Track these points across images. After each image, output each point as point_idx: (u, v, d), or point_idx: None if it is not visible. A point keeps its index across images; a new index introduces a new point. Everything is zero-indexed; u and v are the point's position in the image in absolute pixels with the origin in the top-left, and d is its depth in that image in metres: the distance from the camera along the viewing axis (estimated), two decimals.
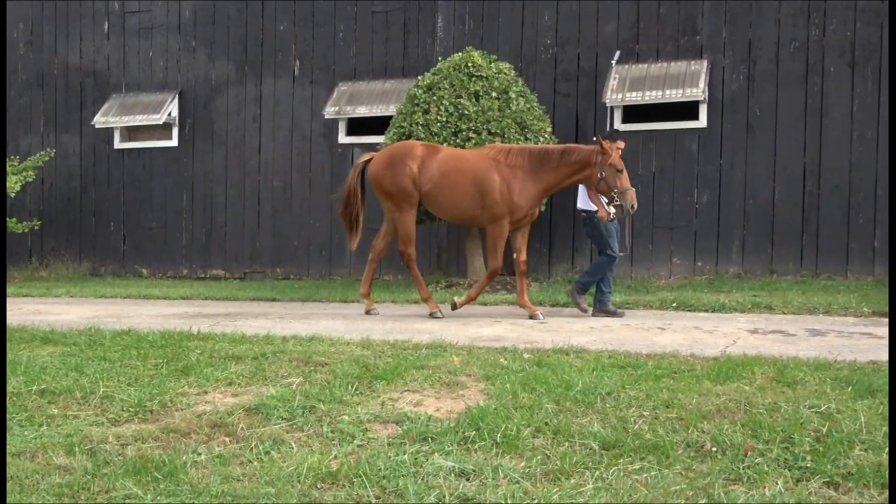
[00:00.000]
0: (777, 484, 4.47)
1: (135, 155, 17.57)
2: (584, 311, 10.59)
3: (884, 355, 7.36)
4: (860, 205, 13.14)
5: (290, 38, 16.40)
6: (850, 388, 5.98)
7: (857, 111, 13.18)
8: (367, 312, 10.83)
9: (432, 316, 10.47)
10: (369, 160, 10.87)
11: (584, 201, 10.56)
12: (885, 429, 5.11)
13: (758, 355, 7.18)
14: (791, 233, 13.43)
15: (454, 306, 10.63)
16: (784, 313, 10.42)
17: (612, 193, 9.97)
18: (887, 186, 12.92)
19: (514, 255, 10.61)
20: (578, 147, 10.36)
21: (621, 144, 10.39)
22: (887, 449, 4.82)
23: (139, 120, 17.10)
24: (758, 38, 13.70)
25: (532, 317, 10.26)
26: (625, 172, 9.99)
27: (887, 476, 4.47)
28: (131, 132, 17.68)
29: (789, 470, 4.65)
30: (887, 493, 4.35)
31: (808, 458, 4.74)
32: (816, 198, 13.33)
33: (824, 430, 5.12)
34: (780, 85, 13.57)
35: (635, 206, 10.01)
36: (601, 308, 10.51)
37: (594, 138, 11.69)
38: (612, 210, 10.25)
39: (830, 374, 6.41)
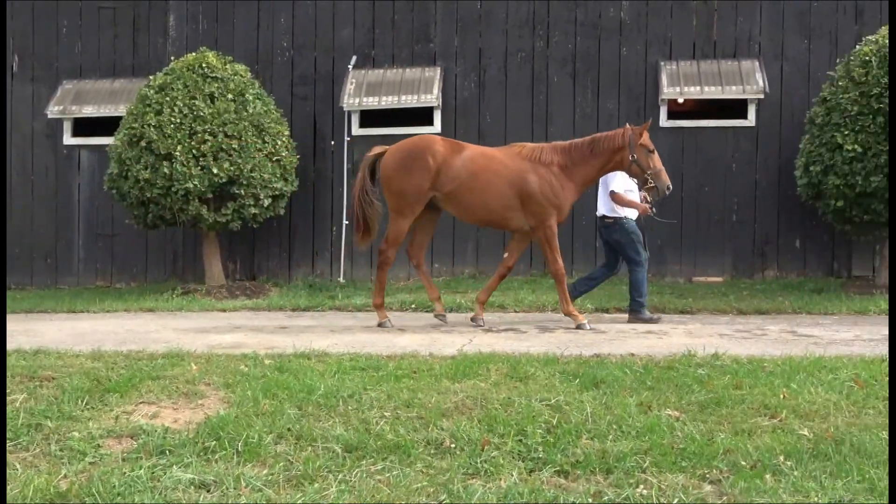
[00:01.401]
0: (512, 475, 4.66)
1: None
2: (656, 320, 10.02)
3: (607, 349, 7.84)
4: (583, 206, 13.92)
5: (6, 32, 15.34)
6: (576, 381, 6.33)
7: (578, 119, 13.99)
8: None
9: (381, 326, 9.75)
10: (381, 153, 10.01)
11: (608, 207, 10.18)
12: (609, 418, 5.45)
13: (492, 352, 7.45)
14: None
15: (581, 325, 9.64)
16: (516, 311, 10.89)
17: (646, 175, 9.64)
18: None
19: (505, 256, 10.28)
20: (604, 134, 9.99)
21: (648, 123, 10.13)
22: (611, 437, 5.15)
23: None
24: (487, 48, 14.25)
25: (473, 319, 9.95)
26: (656, 153, 9.75)
27: (612, 462, 4.78)
28: None
29: (523, 461, 4.86)
30: (613, 478, 4.64)
31: (540, 448, 4.98)
32: None
33: (554, 421, 5.39)
34: (509, 93, 14.18)
35: (670, 185, 9.79)
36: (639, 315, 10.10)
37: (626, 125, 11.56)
38: (647, 197, 10.00)
39: (559, 368, 6.75)
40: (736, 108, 13.84)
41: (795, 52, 13.79)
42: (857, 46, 12.25)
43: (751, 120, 13.72)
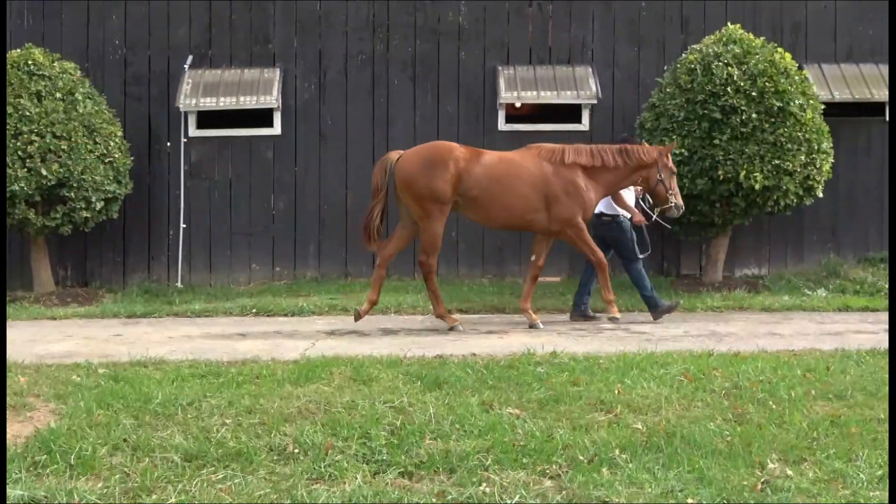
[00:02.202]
0: (357, 479, 4.66)
1: None
2: (673, 307, 10.47)
3: (450, 349, 7.93)
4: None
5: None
6: (419, 382, 6.39)
7: (418, 121, 14.09)
8: (356, 319, 9.79)
9: (453, 329, 9.63)
10: (398, 158, 9.95)
11: (606, 205, 10.39)
12: (452, 418, 5.51)
13: (336, 356, 7.43)
14: None
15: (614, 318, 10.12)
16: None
17: (668, 195, 10.12)
18: None
19: (533, 258, 10.31)
20: (634, 147, 10.23)
21: (673, 145, 10.67)
22: (454, 436, 5.21)
23: None
24: (327, 50, 14.16)
25: (532, 325, 9.88)
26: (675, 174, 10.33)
27: (455, 461, 4.83)
28: None
29: (367, 464, 4.87)
30: (456, 477, 4.69)
31: (385, 451, 4.99)
32: None
33: (398, 423, 5.42)
34: (350, 95, 14.14)
35: (683, 206, 10.35)
36: (581, 312, 10.53)
37: (622, 136, 11.55)
38: (656, 213, 10.38)
39: (402, 370, 6.79)
40: (571, 112, 14.22)
41: (626, 59, 14.28)
42: (683, 55, 12.82)
43: (585, 124, 14.12)
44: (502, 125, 14.09)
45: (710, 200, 11.99)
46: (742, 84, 11.82)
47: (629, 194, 10.52)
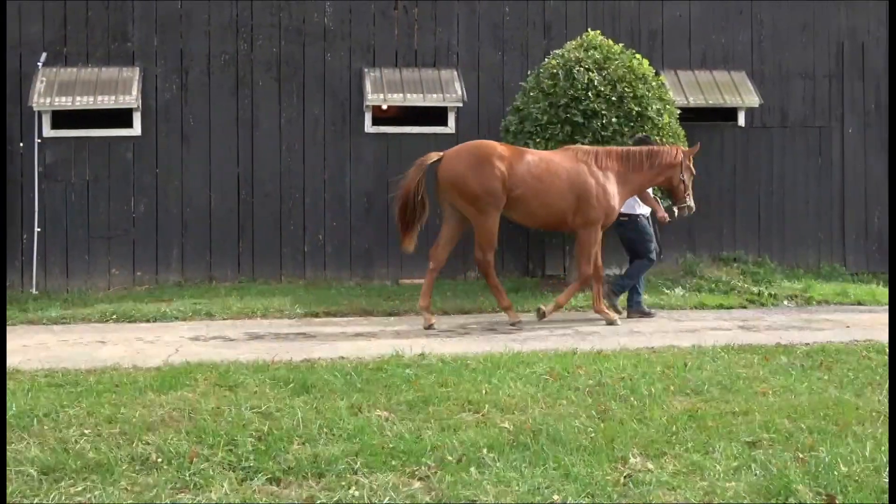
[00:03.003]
0: (223, 486, 4.58)
1: None
2: (619, 312, 10.66)
3: (318, 353, 7.87)
4: (290, 212, 13.90)
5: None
6: (287, 387, 6.32)
7: (284, 123, 13.92)
8: (427, 328, 9.79)
9: (514, 325, 9.95)
10: (437, 159, 10.09)
11: (625, 205, 10.64)
12: (320, 422, 5.47)
13: (200, 362, 7.28)
14: (228, 240, 13.78)
15: (541, 314, 10.25)
16: (224, 319, 10.67)
17: (686, 195, 10.61)
18: (314, 195, 13.84)
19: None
20: (661, 149, 10.63)
21: (697, 147, 11.01)
22: (322, 441, 5.17)
23: None
24: (189, 49, 13.85)
25: (610, 323, 10.16)
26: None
27: (323, 466, 4.80)
28: None
29: (234, 471, 4.78)
30: (325, 481, 4.66)
31: (252, 457, 4.92)
32: (251, 206, 13.82)
33: (265, 429, 5.34)
34: (213, 96, 13.87)
35: (694, 206, 10.85)
36: (637, 309, 10.84)
37: (637, 136, 11.55)
38: (676, 211, 10.87)
39: (269, 375, 6.71)
40: (437, 115, 14.32)
41: (491, 62, 14.47)
42: (546, 59, 13.07)
43: (451, 127, 14.23)
44: (369, 127, 14.07)
45: None
46: (602, 89, 12.14)
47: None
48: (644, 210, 11.00)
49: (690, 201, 10.78)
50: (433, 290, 10.36)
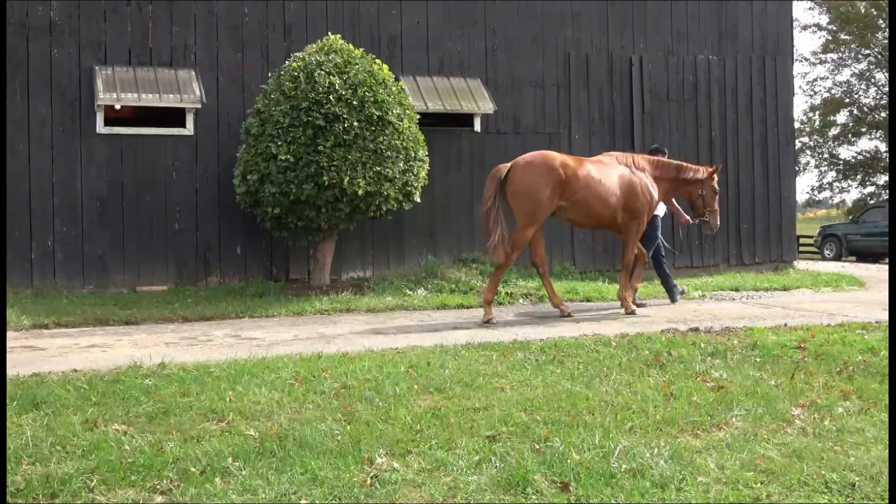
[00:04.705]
0: None
1: None
2: (682, 292, 12.73)
3: (47, 366, 7.43)
4: (15, 217, 13.04)
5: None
6: (14, 404, 5.92)
7: (9, 124, 13.03)
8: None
9: (487, 322, 10.40)
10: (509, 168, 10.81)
11: None
12: (52, 439, 5.16)
13: None
14: None
15: (631, 311, 11.16)
16: None
17: (705, 210, 11.85)
18: (42, 198, 13.05)
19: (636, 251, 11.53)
20: (688, 165, 11.91)
21: (719, 167, 12.42)
22: (55, 459, 4.88)
23: None
24: None
25: (630, 313, 11.08)
26: (718, 194, 12.04)
27: (56, 486, 4.53)
28: None
29: None
30: (59, 501, 4.40)
31: None
32: None
33: None
34: None
35: (717, 226, 12.20)
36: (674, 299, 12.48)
37: (652, 147, 13.06)
38: (696, 220, 12.22)
39: None
40: (175, 116, 13.90)
41: (230, 63, 14.21)
42: (287, 62, 12.99)
43: (189, 129, 13.87)
44: (101, 128, 13.47)
45: (316, 206, 12.24)
46: (344, 93, 12.21)
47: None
48: (660, 212, 12.29)
49: (714, 219, 12.01)
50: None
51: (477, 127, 15.27)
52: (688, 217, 12.55)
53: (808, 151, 43.03)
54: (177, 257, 13.94)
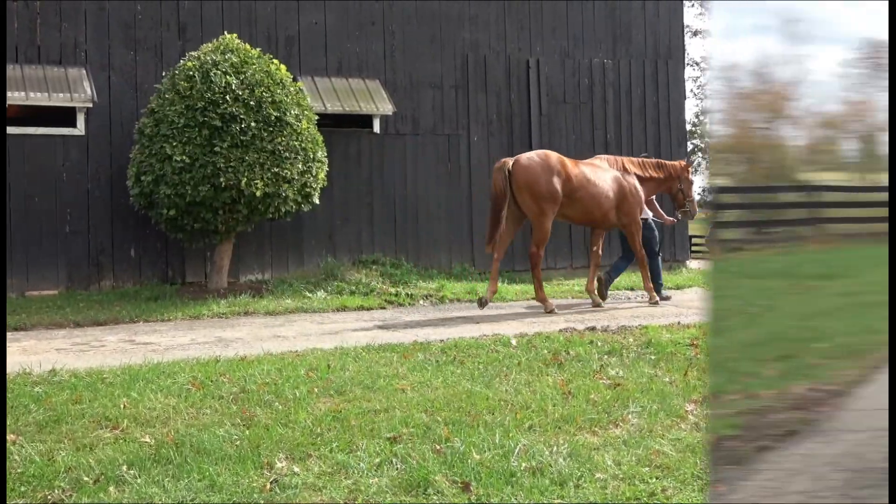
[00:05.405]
0: None
1: None
2: (667, 297, 12.70)
3: None
4: None
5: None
6: None
7: None
8: (482, 305, 11.36)
9: (550, 313, 11.24)
10: (513, 163, 11.36)
11: None
12: None
13: None
14: None
15: (654, 301, 12.16)
16: None
17: (686, 201, 12.78)
18: None
19: (594, 249, 12.33)
20: (666, 162, 12.83)
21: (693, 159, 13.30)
22: None
23: None
24: None
25: (596, 305, 11.96)
26: (693, 184, 12.84)
27: None
28: None
29: None
30: None
31: None
32: None
33: None
34: None
35: (697, 212, 13.30)
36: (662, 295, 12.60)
37: (644, 154, 14.39)
38: (679, 215, 13.26)
39: None
40: (65, 115, 13.52)
41: (122, 62, 13.90)
42: (182, 61, 12.76)
43: (80, 129, 13.51)
44: None
45: (213, 207, 12.05)
46: (241, 93, 12.05)
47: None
48: (646, 214, 12.69)
49: (693, 208, 12.95)
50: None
51: (376, 128, 15.24)
52: (670, 218, 13.38)
53: (699, 153, 44.25)
54: (68, 260, 13.56)
